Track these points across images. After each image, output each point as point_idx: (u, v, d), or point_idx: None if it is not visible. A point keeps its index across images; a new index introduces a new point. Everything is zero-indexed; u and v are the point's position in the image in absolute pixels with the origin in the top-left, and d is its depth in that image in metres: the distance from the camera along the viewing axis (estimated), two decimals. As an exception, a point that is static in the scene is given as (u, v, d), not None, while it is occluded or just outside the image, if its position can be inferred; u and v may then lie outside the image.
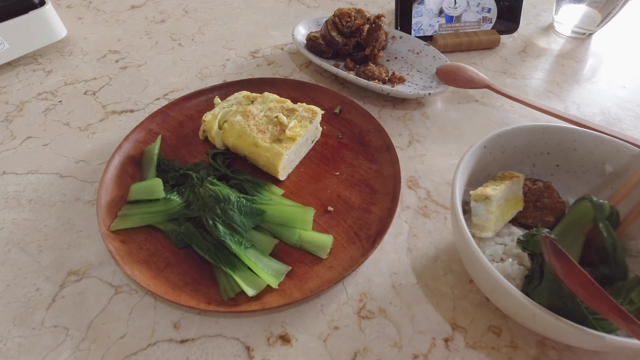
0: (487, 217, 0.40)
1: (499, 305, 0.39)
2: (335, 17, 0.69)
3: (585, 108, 0.67)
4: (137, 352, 0.39)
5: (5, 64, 0.72)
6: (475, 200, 0.41)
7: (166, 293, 0.40)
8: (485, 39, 0.77)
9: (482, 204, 0.40)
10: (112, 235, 0.45)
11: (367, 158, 0.56)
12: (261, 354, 0.39)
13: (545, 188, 0.46)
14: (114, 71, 0.72)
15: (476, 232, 0.41)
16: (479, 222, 0.41)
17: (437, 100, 0.68)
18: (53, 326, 0.41)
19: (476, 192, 0.41)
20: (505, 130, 0.45)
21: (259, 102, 0.57)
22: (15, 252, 0.47)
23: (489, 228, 0.40)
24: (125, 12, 0.88)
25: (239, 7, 0.90)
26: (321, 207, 0.50)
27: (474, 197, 0.41)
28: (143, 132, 0.57)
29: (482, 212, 0.40)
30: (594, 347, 0.33)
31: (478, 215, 0.41)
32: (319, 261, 0.45)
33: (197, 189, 0.48)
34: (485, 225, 0.40)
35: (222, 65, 0.74)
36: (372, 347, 0.40)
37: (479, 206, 0.40)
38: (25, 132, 0.61)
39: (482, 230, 0.40)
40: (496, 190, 0.41)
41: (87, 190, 0.53)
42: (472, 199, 0.41)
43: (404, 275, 0.45)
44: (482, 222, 0.40)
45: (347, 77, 0.64)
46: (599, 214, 0.39)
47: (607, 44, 0.81)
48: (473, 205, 0.41)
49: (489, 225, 0.40)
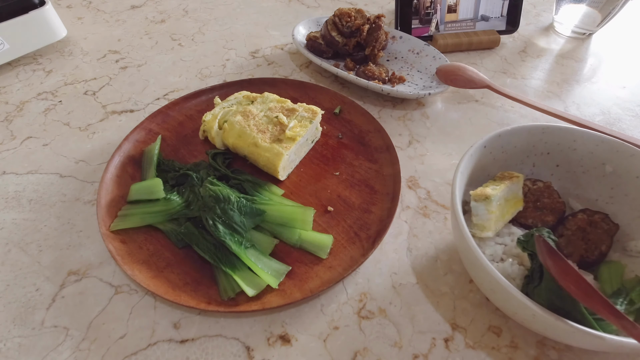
0: (487, 217, 0.40)
1: (499, 305, 0.39)
2: (335, 17, 0.69)
3: (585, 108, 0.67)
4: (137, 352, 0.39)
5: (5, 64, 0.72)
6: (475, 200, 0.41)
7: (166, 293, 0.40)
8: (485, 39, 0.77)
9: (482, 203, 0.40)
10: (112, 235, 0.45)
11: (367, 158, 0.56)
12: (261, 354, 0.39)
13: (545, 188, 0.46)
14: (114, 71, 0.72)
15: (476, 232, 0.41)
16: (479, 222, 0.41)
17: (437, 100, 0.68)
18: (53, 326, 0.41)
19: (476, 192, 0.41)
20: (505, 130, 0.45)
21: (259, 102, 0.57)
22: (15, 252, 0.47)
23: (489, 228, 0.40)
24: (125, 12, 0.88)
25: (239, 7, 0.90)
26: (321, 207, 0.50)
27: (473, 197, 0.41)
28: (143, 132, 0.57)
29: (482, 211, 0.40)
30: (594, 347, 0.33)
31: (478, 215, 0.41)
32: (319, 261, 0.45)
33: (197, 189, 0.48)
34: (486, 225, 0.40)
35: (222, 65, 0.74)
36: (372, 347, 0.40)
37: (479, 206, 0.40)
38: (25, 132, 0.61)
39: (483, 230, 0.40)
40: (496, 190, 0.41)
41: (87, 190, 0.53)
42: (472, 198, 0.41)
43: (404, 275, 0.45)
44: (482, 222, 0.40)
45: (347, 77, 0.64)
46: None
47: (607, 44, 0.81)
48: (473, 205, 0.41)
49: (489, 225, 0.40)
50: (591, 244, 0.41)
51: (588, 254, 0.41)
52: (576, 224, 0.43)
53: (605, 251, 0.41)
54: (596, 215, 0.43)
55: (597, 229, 0.42)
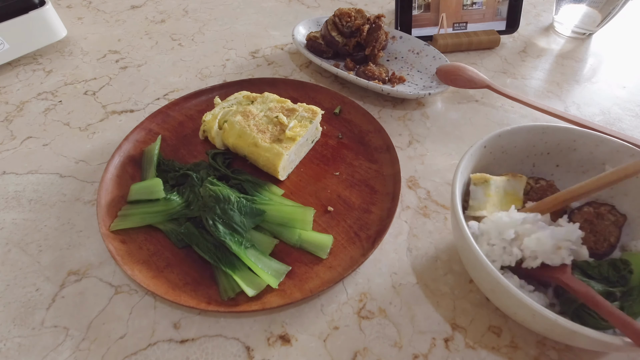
0: (484, 200, 0.40)
1: (499, 305, 0.39)
2: (335, 17, 0.69)
3: (585, 108, 0.67)
4: (137, 352, 0.39)
5: (5, 64, 0.72)
6: (474, 184, 0.41)
7: (166, 293, 0.40)
8: (485, 39, 0.77)
9: (481, 187, 0.41)
10: (112, 235, 0.45)
11: (367, 158, 0.56)
12: (261, 354, 0.39)
13: (548, 187, 0.45)
14: (114, 71, 0.72)
15: (471, 212, 0.41)
16: (475, 203, 0.41)
17: (437, 100, 0.68)
18: (53, 326, 0.41)
19: (476, 175, 0.41)
20: (505, 130, 0.45)
21: (259, 102, 0.57)
22: (15, 252, 0.47)
23: (484, 208, 0.40)
24: (125, 12, 0.88)
25: (239, 7, 0.90)
26: (321, 207, 0.50)
27: (473, 181, 0.41)
28: (143, 132, 0.57)
29: (480, 195, 0.41)
30: (594, 347, 0.33)
31: (476, 199, 0.41)
32: (319, 261, 0.45)
33: (197, 189, 0.48)
34: (481, 205, 0.40)
35: (222, 65, 0.74)
36: (372, 347, 0.40)
37: (478, 189, 0.41)
38: (25, 132, 0.61)
39: (477, 209, 0.40)
40: (496, 177, 0.41)
41: (87, 190, 0.53)
42: (472, 182, 0.41)
43: (404, 275, 0.45)
44: (479, 204, 0.41)
45: (347, 77, 0.64)
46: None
47: (607, 44, 0.81)
48: (472, 190, 0.41)
49: (484, 206, 0.40)
50: (600, 236, 0.42)
51: (597, 247, 0.41)
52: (583, 217, 0.43)
53: (614, 243, 0.41)
54: (602, 207, 0.43)
55: (605, 221, 0.42)
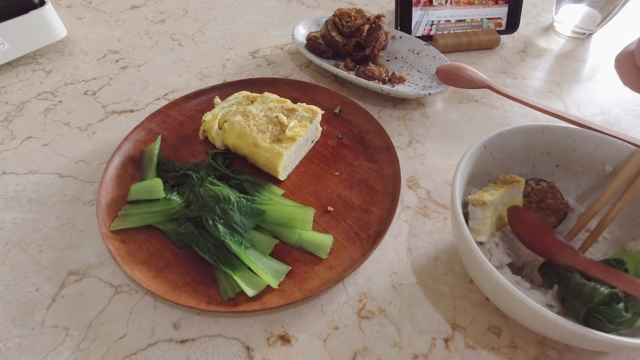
0: (483, 222, 0.40)
1: (499, 305, 0.39)
2: (335, 17, 0.69)
3: (585, 108, 0.67)
4: (137, 352, 0.39)
5: (5, 64, 0.72)
6: (473, 205, 0.41)
7: (166, 293, 0.40)
8: (485, 39, 0.77)
9: (480, 208, 0.40)
10: (112, 235, 0.45)
11: (367, 158, 0.56)
12: (261, 354, 0.39)
13: (549, 188, 0.45)
14: (114, 71, 0.72)
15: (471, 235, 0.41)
16: (475, 226, 0.41)
17: (437, 100, 0.68)
18: (53, 326, 0.41)
19: (474, 197, 0.41)
20: (505, 130, 0.45)
21: (259, 102, 0.57)
22: (15, 252, 0.47)
23: (484, 233, 0.40)
24: (125, 12, 0.88)
25: (239, 7, 0.90)
26: (321, 207, 0.50)
27: (472, 202, 0.41)
28: (143, 132, 0.57)
29: (479, 216, 0.41)
30: (594, 347, 0.33)
31: (475, 219, 0.41)
32: (319, 261, 0.45)
33: (197, 189, 0.48)
34: (481, 229, 0.40)
35: (222, 65, 0.74)
36: (372, 347, 0.40)
37: (476, 210, 0.41)
38: (25, 132, 0.61)
39: (477, 234, 0.40)
40: (494, 195, 0.41)
41: (87, 190, 0.53)
42: (470, 202, 0.41)
43: (404, 275, 0.45)
44: (478, 227, 0.41)
45: (347, 77, 0.64)
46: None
47: (607, 44, 0.81)
48: (471, 209, 0.41)
49: (484, 230, 0.40)
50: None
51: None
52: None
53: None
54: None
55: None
